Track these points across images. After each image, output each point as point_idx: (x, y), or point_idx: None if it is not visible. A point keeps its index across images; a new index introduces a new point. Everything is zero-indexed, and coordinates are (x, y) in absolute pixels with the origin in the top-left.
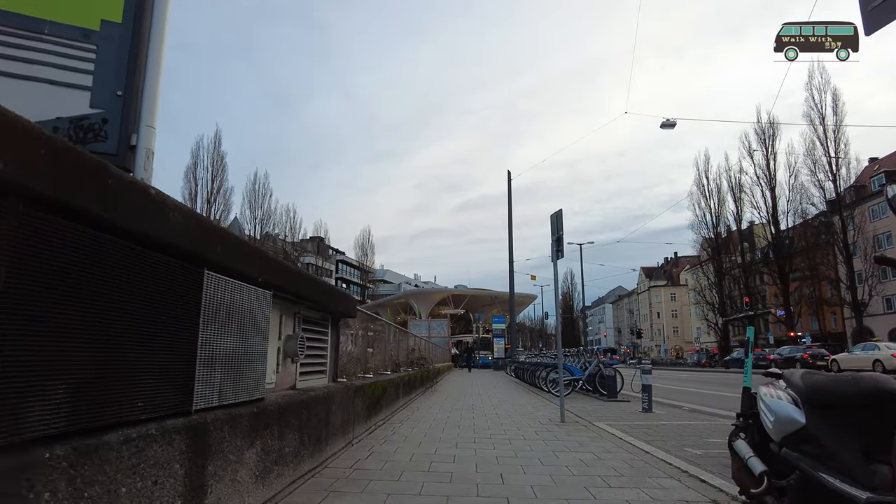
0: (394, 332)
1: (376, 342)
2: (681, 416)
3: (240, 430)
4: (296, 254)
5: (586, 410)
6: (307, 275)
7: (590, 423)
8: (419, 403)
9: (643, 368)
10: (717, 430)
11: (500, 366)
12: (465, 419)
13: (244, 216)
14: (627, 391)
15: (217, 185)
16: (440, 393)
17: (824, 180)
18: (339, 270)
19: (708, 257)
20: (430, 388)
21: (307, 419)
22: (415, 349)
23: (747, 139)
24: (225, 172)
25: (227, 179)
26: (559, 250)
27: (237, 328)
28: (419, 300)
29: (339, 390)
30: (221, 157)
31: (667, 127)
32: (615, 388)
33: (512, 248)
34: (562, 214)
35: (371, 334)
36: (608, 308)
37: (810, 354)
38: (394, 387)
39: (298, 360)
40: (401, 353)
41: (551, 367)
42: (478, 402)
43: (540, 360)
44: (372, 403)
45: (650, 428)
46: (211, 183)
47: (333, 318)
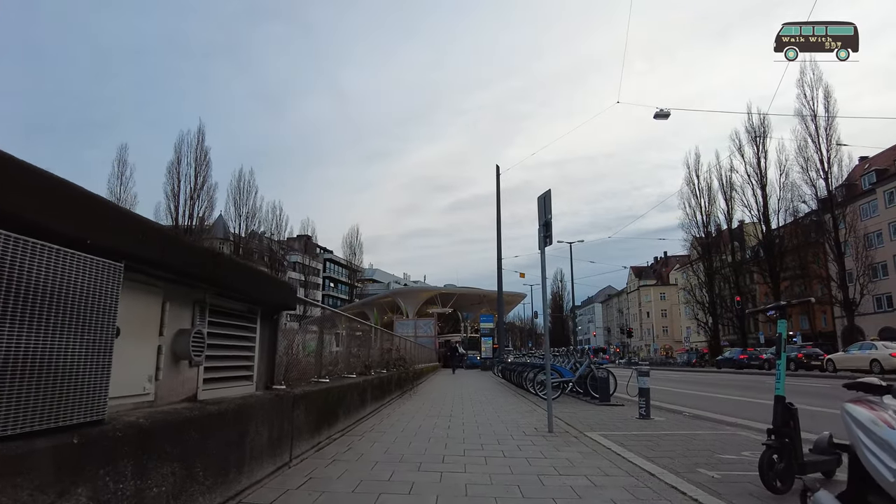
0: (364, 331)
1: (340, 341)
2: (682, 423)
3: (36, 474)
4: (282, 252)
5: (577, 417)
6: (208, 251)
7: (581, 433)
8: (392, 409)
9: (640, 370)
10: (730, 443)
11: (488, 366)
12: (439, 429)
13: (229, 213)
14: (621, 394)
15: (201, 182)
16: (420, 396)
17: (816, 178)
18: (326, 269)
19: (698, 256)
20: (409, 392)
21: (202, 443)
22: (392, 349)
23: (738, 137)
24: (209, 168)
25: (211, 175)
26: (547, 236)
27: (36, 314)
28: (406, 299)
29: (268, 401)
30: (205, 152)
31: (660, 117)
32: (608, 391)
33: (500, 242)
34: (550, 196)
35: (335, 333)
36: (598, 307)
37: (805, 354)
38: (358, 392)
39: (198, 363)
40: (374, 353)
41: (539, 368)
42: (458, 408)
43: (527, 361)
44: (324, 414)
45: (651, 440)
46: (194, 179)
47: (266, 311)
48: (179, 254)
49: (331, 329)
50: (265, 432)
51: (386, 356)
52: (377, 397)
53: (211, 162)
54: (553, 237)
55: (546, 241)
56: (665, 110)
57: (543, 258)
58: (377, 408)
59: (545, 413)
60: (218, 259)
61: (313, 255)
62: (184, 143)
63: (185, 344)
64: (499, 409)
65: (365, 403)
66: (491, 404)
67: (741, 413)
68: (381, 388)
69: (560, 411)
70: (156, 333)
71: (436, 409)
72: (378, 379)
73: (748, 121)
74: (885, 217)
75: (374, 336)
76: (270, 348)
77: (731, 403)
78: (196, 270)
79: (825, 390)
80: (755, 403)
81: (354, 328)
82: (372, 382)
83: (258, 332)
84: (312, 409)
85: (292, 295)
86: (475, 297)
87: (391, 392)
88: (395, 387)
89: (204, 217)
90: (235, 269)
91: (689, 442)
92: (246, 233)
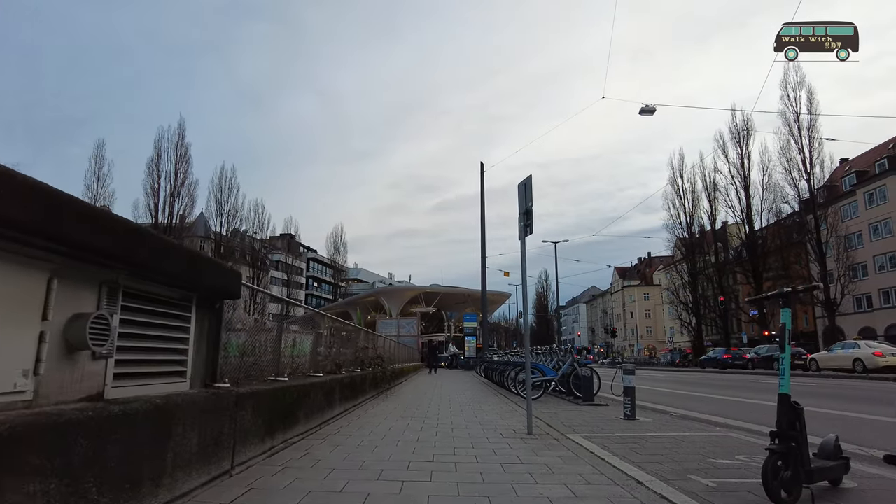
0: (336, 328)
1: (304, 337)
2: (670, 424)
3: None
4: (265, 251)
5: (559, 418)
6: (124, 223)
7: (563, 435)
8: (364, 411)
9: (625, 368)
10: (722, 446)
11: (472, 366)
12: (411, 432)
13: (210, 211)
14: (605, 393)
15: (181, 178)
16: (397, 397)
17: (798, 178)
18: (310, 269)
19: (682, 257)
20: (386, 392)
21: (98, 451)
22: (368, 347)
23: (721, 138)
24: (190, 165)
25: (192, 172)
26: (527, 225)
27: None
28: (390, 298)
29: (202, 400)
30: (186, 148)
31: (646, 113)
32: (592, 391)
33: (484, 240)
34: (531, 182)
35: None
36: (582, 308)
37: None
38: (324, 392)
39: (104, 354)
40: (347, 351)
41: (520, 367)
42: (434, 408)
43: (509, 360)
44: (279, 415)
45: (637, 443)
46: (175, 176)
47: (203, 298)
48: (76, 223)
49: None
50: (195, 436)
51: (361, 354)
52: (348, 397)
53: (192, 158)
54: (534, 226)
55: (527, 229)
56: (650, 106)
57: (524, 248)
58: (348, 409)
59: (524, 413)
60: (137, 235)
61: (297, 255)
62: (164, 139)
63: (80, 331)
64: (478, 409)
65: (333, 404)
66: (470, 405)
67: (730, 413)
68: (352, 388)
69: (541, 412)
70: (37, 317)
71: (411, 409)
72: (350, 378)
73: (732, 121)
74: (865, 218)
75: (348, 334)
76: (211, 341)
77: (719, 403)
78: (104, 245)
79: (811, 389)
80: (744, 403)
81: (324, 325)
82: (342, 382)
83: (193, 322)
84: (263, 410)
85: (236, 281)
86: (460, 296)
87: (365, 392)
88: (370, 387)
89: (185, 215)
90: (162, 247)
91: (678, 445)
92: (228, 231)
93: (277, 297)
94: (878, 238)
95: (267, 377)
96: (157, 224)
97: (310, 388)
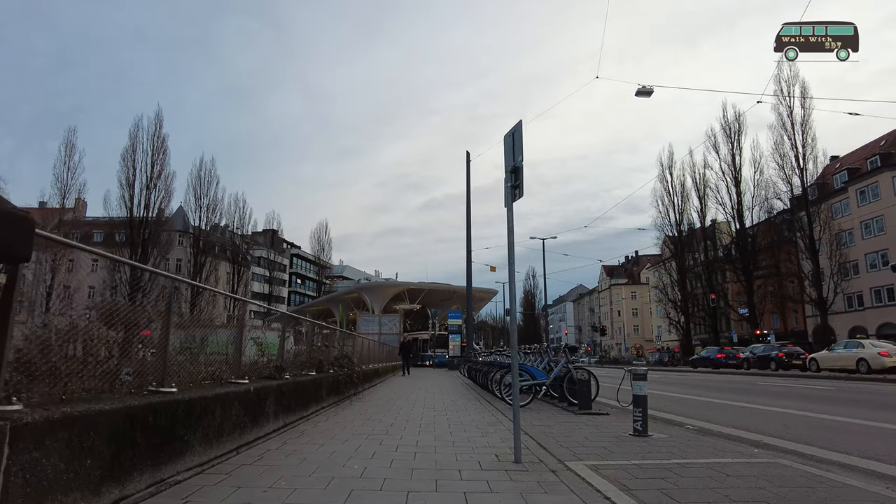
0: (284, 322)
1: (225, 333)
2: (692, 443)
3: None
4: (246, 246)
5: (553, 433)
6: None
7: (562, 463)
8: (314, 425)
9: (636, 373)
10: (788, 485)
11: (456, 365)
12: (358, 460)
13: (189, 204)
14: (603, 398)
15: (158, 170)
16: (364, 404)
17: (791, 174)
18: (294, 265)
19: (671, 254)
20: (351, 398)
21: None
22: (331, 346)
23: (713, 134)
24: (167, 156)
25: (169, 164)
26: (516, 186)
27: None
28: (372, 294)
29: None
30: (163, 139)
31: (643, 94)
32: (589, 397)
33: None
34: (521, 131)
35: (210, 314)
36: (569, 306)
37: (786, 353)
38: (245, 405)
39: None
40: (300, 349)
41: (506, 368)
42: (403, 418)
43: (494, 360)
44: (141, 448)
45: (666, 477)
46: (151, 167)
47: None
48: None
49: (201, 316)
50: None
51: (318, 354)
52: (289, 408)
53: (169, 150)
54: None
55: (514, 192)
56: (648, 87)
57: (511, 218)
58: (292, 423)
59: (511, 426)
60: None
61: (280, 251)
62: (139, 130)
63: None
64: (455, 420)
65: (261, 420)
66: (446, 413)
67: (756, 425)
68: (299, 397)
69: (531, 424)
70: None
71: (373, 421)
72: (295, 384)
73: (723, 117)
74: (857, 215)
75: (302, 329)
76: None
77: (735, 411)
78: None
79: (818, 392)
80: (765, 412)
81: (244, 314)
82: (279, 390)
83: None
84: (94, 445)
85: (21, 231)
86: (445, 292)
87: (321, 400)
88: (327, 392)
89: (163, 208)
90: None
91: (723, 482)
92: (208, 225)
93: (192, 283)
94: (869, 236)
95: (147, 386)
96: (132, 217)
97: (213, 403)
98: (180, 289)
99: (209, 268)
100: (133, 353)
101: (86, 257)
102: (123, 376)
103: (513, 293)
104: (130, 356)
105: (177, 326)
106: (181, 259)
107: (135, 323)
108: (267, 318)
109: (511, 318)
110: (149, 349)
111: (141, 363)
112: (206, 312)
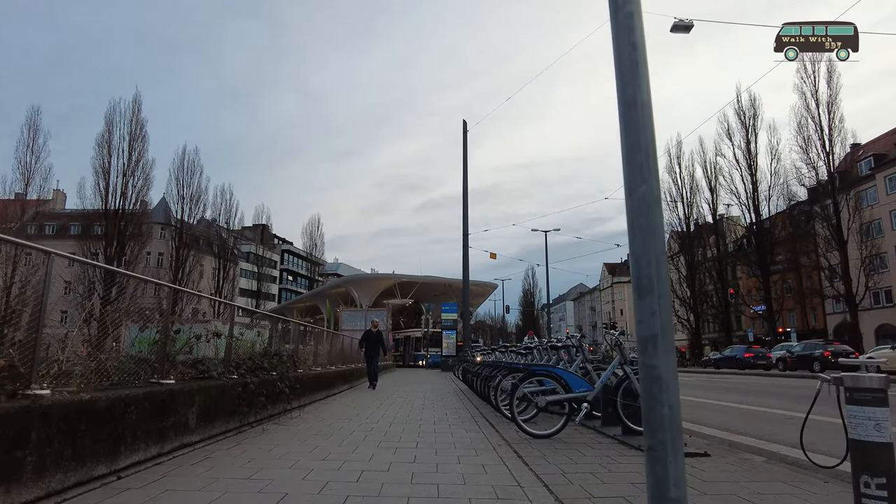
0: None
1: None
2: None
3: None
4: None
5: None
6: None
7: None
8: (229, 452)
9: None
10: None
11: (450, 365)
12: None
13: (171, 195)
14: None
15: (136, 157)
16: (286, 432)
17: (816, 159)
18: (285, 261)
19: (678, 250)
20: (279, 416)
21: None
22: (249, 341)
23: (726, 120)
24: (146, 143)
25: (147, 150)
26: None
27: None
28: (360, 288)
29: None
30: (141, 124)
31: (679, 30)
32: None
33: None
34: None
35: None
36: (569, 305)
37: (832, 352)
38: None
39: None
40: (210, 347)
41: (520, 373)
42: (349, 451)
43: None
44: None
45: None
46: (128, 153)
47: None
48: None
49: None
50: None
51: (252, 354)
52: (190, 429)
53: (148, 136)
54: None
55: None
56: (687, 20)
57: None
58: (173, 451)
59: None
60: None
61: (270, 246)
62: (115, 114)
63: None
64: (432, 463)
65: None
66: (423, 450)
67: None
68: (206, 414)
69: (568, 479)
70: None
71: (269, 478)
72: (190, 390)
73: (737, 101)
74: (886, 204)
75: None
76: None
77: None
78: None
79: None
80: None
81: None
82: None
83: None
84: None
85: None
86: (439, 286)
87: (211, 424)
88: (271, 402)
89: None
90: None
91: None
92: (191, 217)
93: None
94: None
95: None
96: (107, 206)
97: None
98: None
99: (192, 262)
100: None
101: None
102: None
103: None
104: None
105: None
106: (162, 253)
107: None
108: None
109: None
110: None
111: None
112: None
